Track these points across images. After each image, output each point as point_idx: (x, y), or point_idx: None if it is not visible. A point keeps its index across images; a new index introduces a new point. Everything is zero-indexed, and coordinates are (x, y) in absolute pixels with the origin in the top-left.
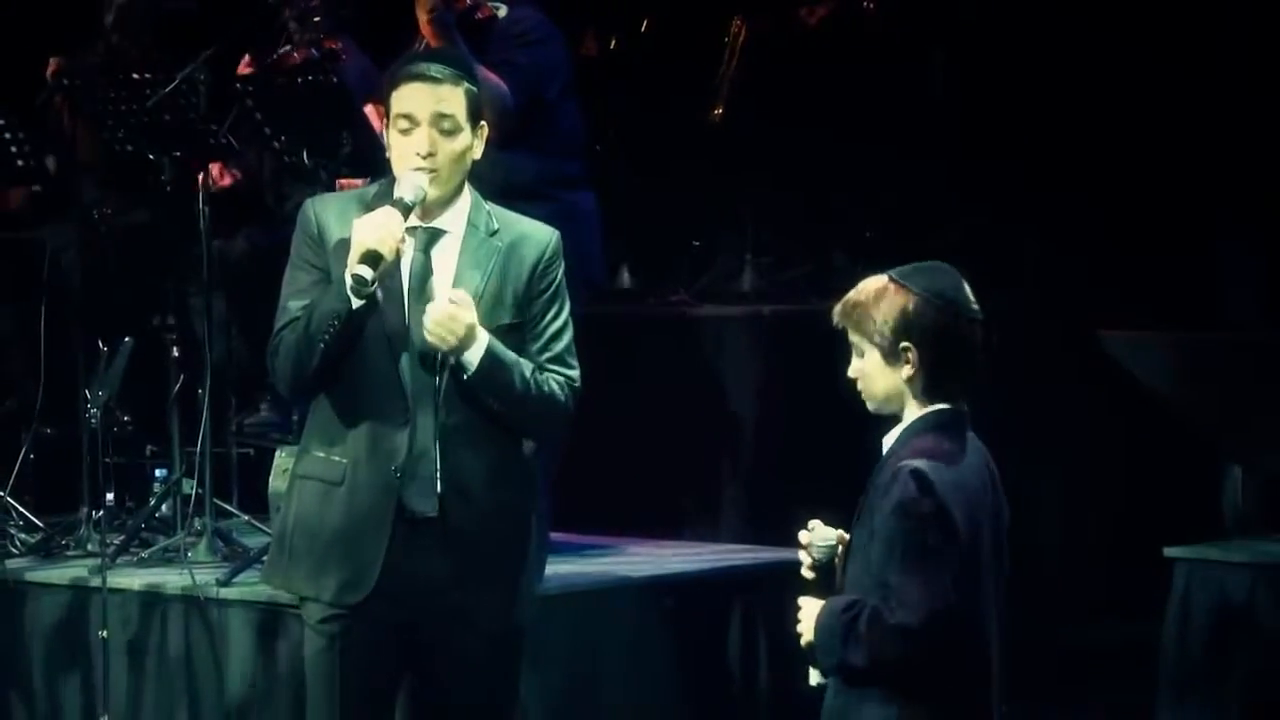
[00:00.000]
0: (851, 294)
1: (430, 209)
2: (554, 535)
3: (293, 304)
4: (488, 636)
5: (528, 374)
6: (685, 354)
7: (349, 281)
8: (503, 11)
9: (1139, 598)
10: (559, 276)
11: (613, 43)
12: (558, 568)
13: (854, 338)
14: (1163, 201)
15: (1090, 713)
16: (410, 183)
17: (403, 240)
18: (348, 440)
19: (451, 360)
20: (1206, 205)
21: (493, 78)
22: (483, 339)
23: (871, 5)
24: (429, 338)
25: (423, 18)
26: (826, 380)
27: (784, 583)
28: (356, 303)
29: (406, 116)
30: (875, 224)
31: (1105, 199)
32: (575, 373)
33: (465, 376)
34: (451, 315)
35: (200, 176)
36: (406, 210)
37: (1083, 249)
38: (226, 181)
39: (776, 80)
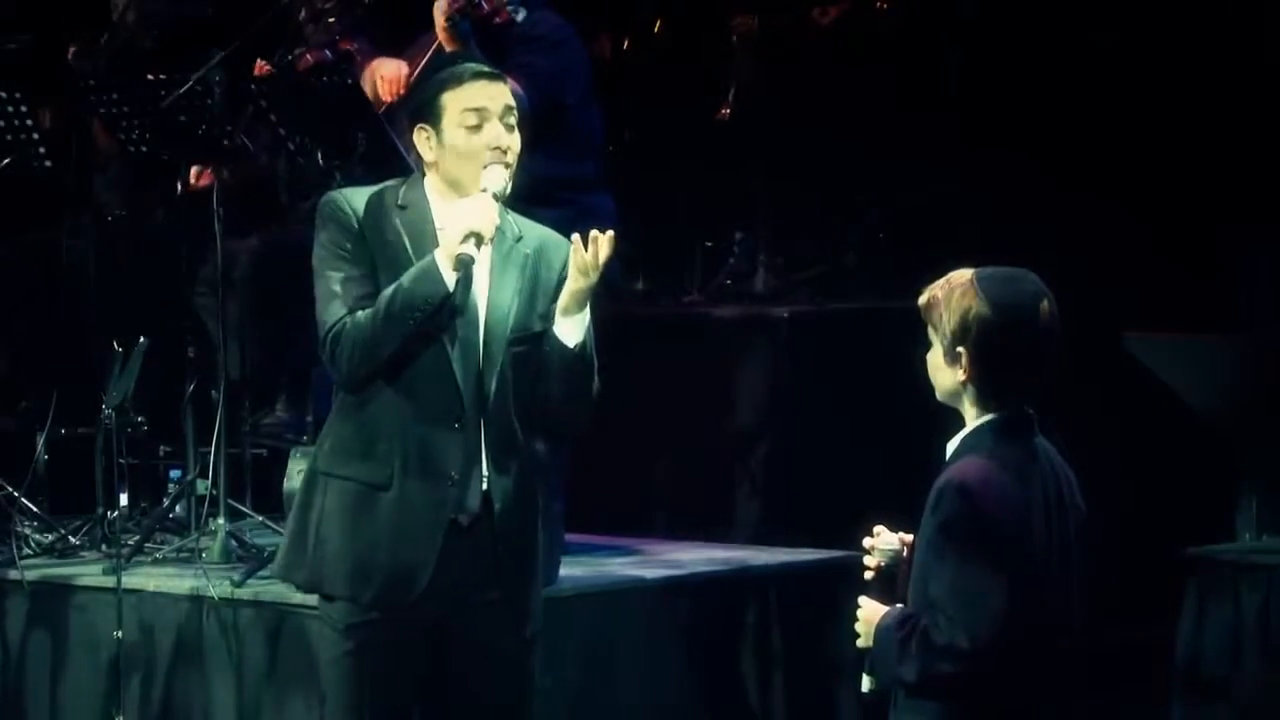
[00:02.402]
0: (936, 283)
1: None
2: (569, 536)
3: (344, 291)
4: (515, 637)
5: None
6: (698, 354)
7: (449, 262)
8: (521, 15)
9: (1154, 600)
10: None
11: (625, 44)
12: (573, 569)
13: (928, 327)
14: (1180, 202)
15: (1104, 715)
16: (496, 175)
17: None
18: (393, 442)
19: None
20: (1224, 207)
21: (511, 82)
22: (587, 311)
23: (884, 5)
24: (585, 267)
25: (440, 24)
26: (840, 381)
27: (798, 584)
28: (453, 285)
29: (478, 110)
30: (889, 224)
31: (1122, 199)
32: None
33: (572, 344)
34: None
35: (197, 174)
36: (495, 199)
37: (1097, 249)
38: (204, 181)
39: (789, 80)
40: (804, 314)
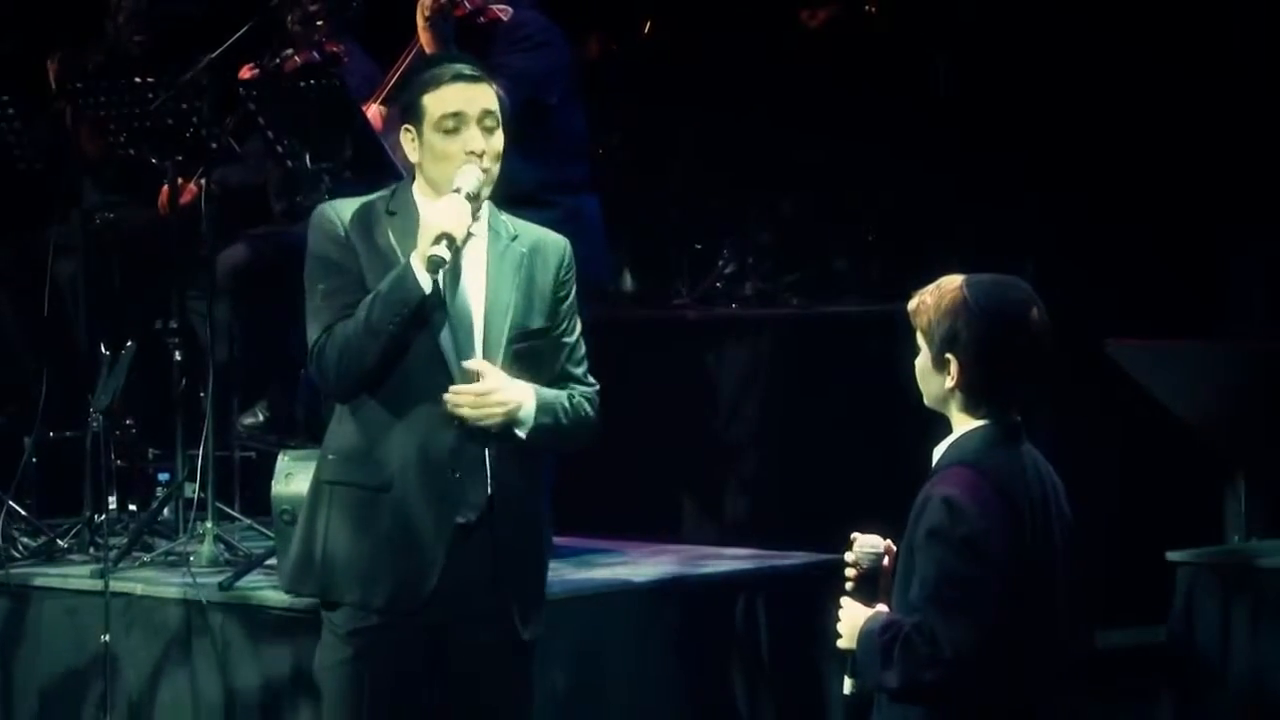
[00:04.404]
0: (926, 289)
1: None
2: (557, 539)
3: (328, 303)
4: (515, 641)
5: (568, 405)
6: (687, 357)
7: (423, 264)
8: (507, 15)
9: (1144, 603)
10: (574, 286)
11: (615, 45)
12: (561, 572)
13: (917, 333)
14: (1170, 205)
15: (1096, 718)
16: (469, 174)
17: (470, 226)
18: (391, 446)
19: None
20: (1214, 209)
21: (493, 84)
22: (530, 399)
23: (873, 8)
24: (477, 420)
25: (420, 24)
26: (828, 384)
27: (787, 587)
28: (428, 287)
29: (455, 115)
30: (878, 227)
31: (1111, 203)
32: (595, 384)
33: (524, 436)
34: (483, 397)
35: (181, 187)
36: (468, 199)
37: (1087, 253)
38: (186, 198)
39: (779, 83)
40: (793, 317)
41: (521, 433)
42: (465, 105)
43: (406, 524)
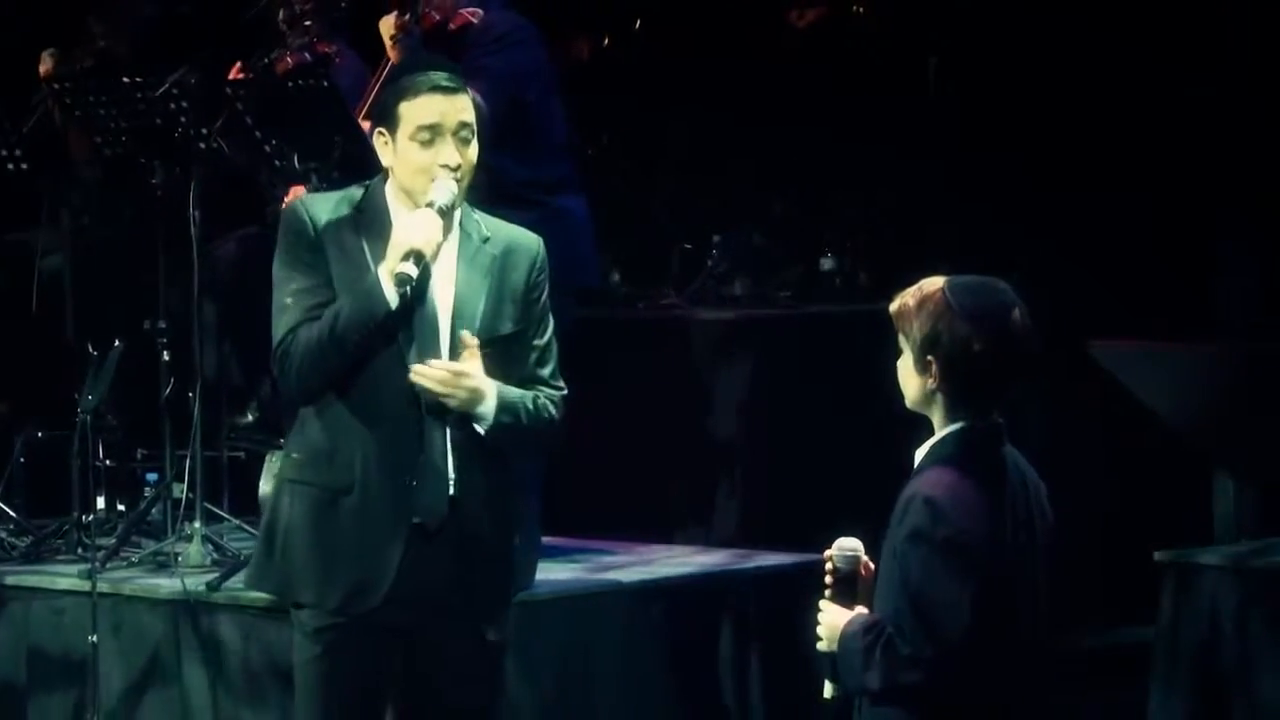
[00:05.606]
0: (908, 290)
1: None
2: (545, 539)
3: (295, 303)
4: (483, 641)
5: (530, 406)
6: (677, 357)
7: (390, 280)
8: (479, 17)
9: (1134, 603)
10: (546, 286)
11: (605, 44)
12: (549, 572)
13: (899, 335)
14: (1161, 206)
15: (1081, 717)
16: (443, 188)
17: (441, 242)
18: (354, 448)
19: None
20: (1205, 208)
21: (471, 92)
22: (492, 393)
23: (861, 8)
24: (438, 396)
25: (388, 42)
26: (817, 384)
27: (775, 587)
28: (396, 303)
29: (431, 127)
30: (868, 227)
31: (1104, 200)
32: (564, 388)
33: (483, 432)
34: (454, 375)
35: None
36: (441, 213)
37: (1076, 252)
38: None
39: (768, 83)
40: (781, 317)
41: (481, 428)
42: (441, 117)
43: (365, 527)
